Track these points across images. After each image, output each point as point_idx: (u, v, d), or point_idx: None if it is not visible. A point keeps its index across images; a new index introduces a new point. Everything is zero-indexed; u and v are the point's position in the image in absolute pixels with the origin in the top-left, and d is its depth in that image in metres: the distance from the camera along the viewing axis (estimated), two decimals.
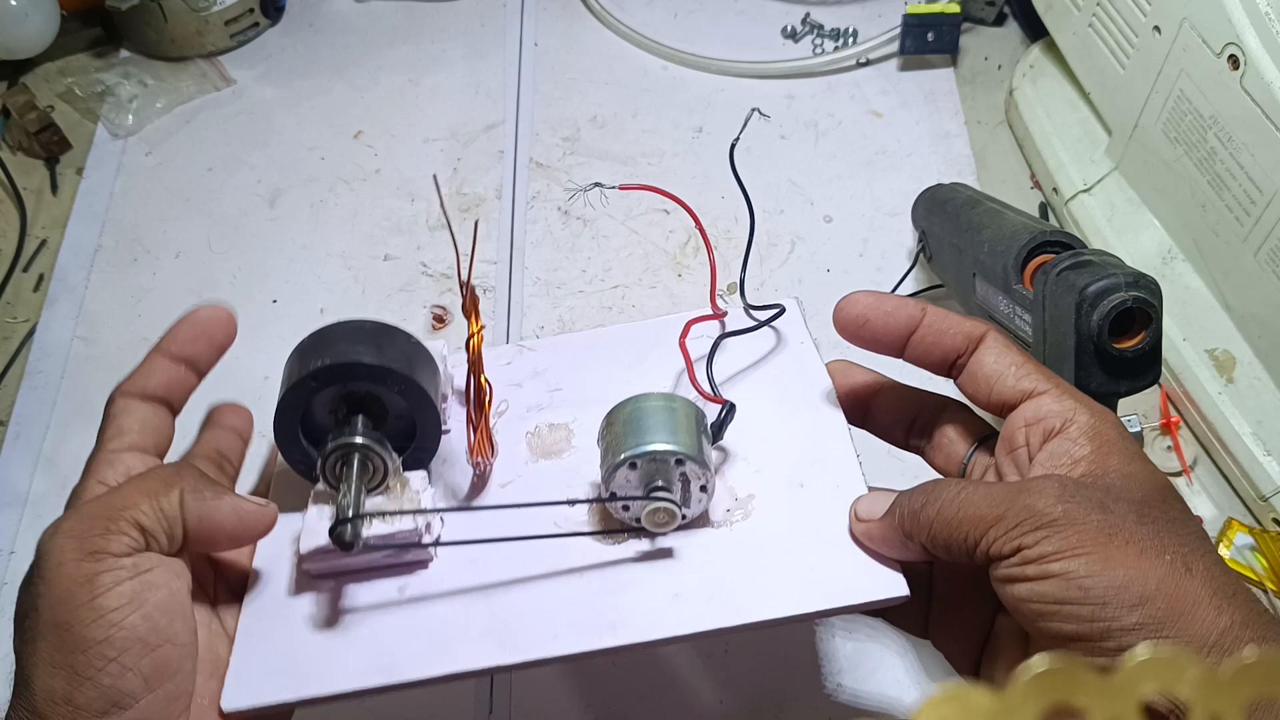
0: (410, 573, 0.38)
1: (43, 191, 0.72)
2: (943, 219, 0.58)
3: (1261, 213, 0.51)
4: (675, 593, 0.37)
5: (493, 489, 0.41)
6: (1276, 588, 0.52)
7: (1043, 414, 0.35)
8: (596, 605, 0.37)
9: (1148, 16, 0.57)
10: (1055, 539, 0.31)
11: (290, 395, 0.36)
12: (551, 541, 0.38)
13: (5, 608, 0.54)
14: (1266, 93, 0.49)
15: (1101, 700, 0.18)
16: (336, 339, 0.37)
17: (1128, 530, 0.31)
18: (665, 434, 0.36)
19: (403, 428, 0.38)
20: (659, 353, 0.45)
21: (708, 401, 0.39)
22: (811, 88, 0.75)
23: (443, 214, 0.42)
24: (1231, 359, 0.56)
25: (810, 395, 0.43)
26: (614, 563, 0.38)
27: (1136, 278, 0.43)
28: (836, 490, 0.39)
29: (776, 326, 0.45)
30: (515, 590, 0.38)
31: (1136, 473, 0.34)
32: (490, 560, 0.38)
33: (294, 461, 0.38)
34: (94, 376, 0.62)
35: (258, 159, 0.73)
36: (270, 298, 0.65)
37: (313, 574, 0.38)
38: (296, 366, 0.37)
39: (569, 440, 0.42)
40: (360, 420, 0.37)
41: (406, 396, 0.37)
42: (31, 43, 0.73)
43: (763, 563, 0.37)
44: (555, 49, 0.78)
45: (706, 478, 0.37)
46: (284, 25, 0.81)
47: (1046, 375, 0.36)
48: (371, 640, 0.37)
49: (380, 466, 0.37)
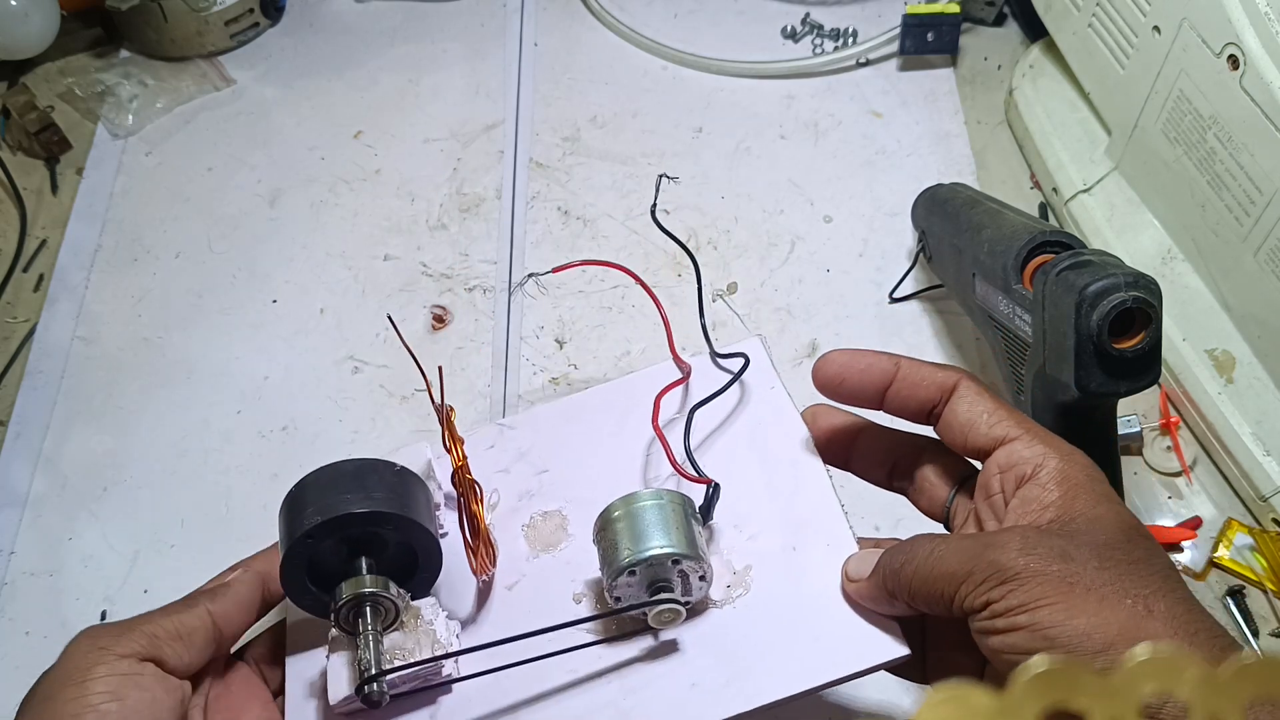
0: (435, 700, 0.39)
1: (43, 191, 0.72)
2: (942, 219, 0.58)
3: (1261, 213, 0.51)
4: (692, 683, 0.38)
5: (499, 592, 0.42)
6: (1276, 588, 0.52)
7: (1014, 460, 0.36)
8: (621, 706, 0.38)
9: (1147, 17, 0.57)
10: (1019, 592, 0.32)
11: (291, 553, 0.37)
12: (559, 647, 0.39)
13: (5, 607, 0.54)
14: (1266, 93, 0.49)
15: (1101, 701, 0.18)
16: (323, 489, 0.38)
17: (1088, 577, 0.32)
18: (660, 536, 0.37)
19: (404, 554, 0.39)
20: (636, 416, 0.45)
21: (691, 482, 0.40)
22: (811, 88, 0.75)
23: (405, 348, 0.44)
24: (1231, 359, 0.56)
25: (788, 446, 0.43)
26: (628, 662, 0.39)
27: (1136, 278, 0.43)
28: (828, 550, 0.40)
29: (744, 379, 0.45)
30: (542, 706, 0.39)
31: (1103, 515, 0.35)
32: (511, 676, 0.39)
33: (306, 606, 0.39)
34: (94, 376, 0.62)
35: (258, 159, 0.73)
36: (270, 298, 0.65)
37: (344, 714, 0.39)
38: (290, 524, 0.38)
39: (564, 529, 0.43)
40: (363, 563, 0.38)
41: (401, 532, 0.38)
42: (32, 43, 0.73)
43: (770, 638, 0.38)
44: (555, 49, 0.78)
45: (704, 568, 0.38)
46: (284, 25, 0.81)
47: (1018, 421, 0.37)
48: None
49: (391, 608, 0.38)
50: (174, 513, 0.57)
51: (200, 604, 0.38)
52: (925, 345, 0.62)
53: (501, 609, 0.41)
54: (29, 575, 0.55)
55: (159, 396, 0.61)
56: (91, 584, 0.55)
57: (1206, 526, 0.55)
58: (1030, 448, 0.36)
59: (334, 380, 0.61)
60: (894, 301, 0.64)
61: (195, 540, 0.56)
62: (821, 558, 0.40)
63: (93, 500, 0.57)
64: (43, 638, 0.53)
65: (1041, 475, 0.36)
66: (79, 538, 0.56)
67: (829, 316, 0.64)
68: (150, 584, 0.54)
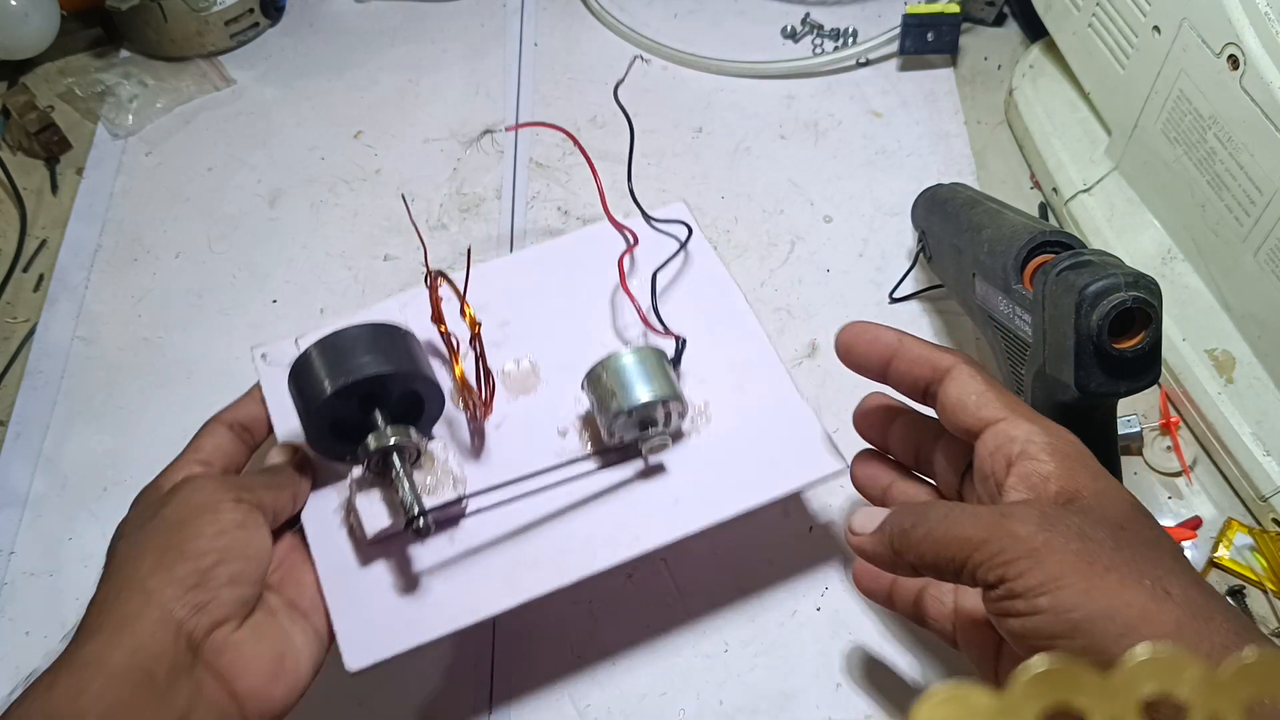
0: (453, 526, 0.46)
1: (43, 191, 0.72)
2: (942, 219, 0.58)
3: (1261, 213, 0.51)
4: (675, 499, 0.46)
5: (489, 431, 0.49)
6: (1276, 588, 0.52)
7: (1002, 440, 0.37)
8: (618, 522, 0.46)
9: (1147, 17, 0.57)
10: (1038, 571, 0.32)
11: (319, 410, 0.43)
12: (562, 477, 0.46)
13: (5, 607, 0.54)
14: (1266, 93, 0.49)
15: (1101, 701, 0.18)
16: (345, 352, 0.43)
17: (1106, 557, 0.32)
18: (647, 385, 0.45)
19: (408, 401, 0.45)
20: (583, 271, 0.54)
21: (659, 336, 0.50)
22: (811, 88, 0.75)
23: (415, 230, 0.51)
24: (1231, 359, 0.56)
25: (723, 302, 0.52)
26: (620, 485, 0.47)
27: (1136, 278, 0.43)
28: (770, 391, 0.49)
29: (676, 234, 0.55)
30: (549, 525, 0.46)
31: (1106, 490, 0.35)
32: (517, 503, 0.46)
33: (325, 455, 0.46)
34: (94, 376, 0.62)
35: (258, 159, 0.73)
36: (270, 298, 0.65)
37: (372, 545, 0.45)
38: (317, 384, 0.43)
39: (536, 374, 0.51)
40: (381, 416, 0.44)
41: (416, 385, 0.44)
42: (32, 43, 0.73)
43: (732, 461, 0.47)
44: (555, 49, 0.78)
45: (683, 406, 0.46)
46: (284, 25, 0.81)
47: (1006, 403, 0.38)
48: (450, 590, 0.44)
49: (414, 451, 0.44)
50: None
51: (286, 478, 0.45)
52: None
53: (496, 445, 0.48)
54: (29, 575, 0.55)
55: (159, 396, 0.61)
56: (92, 584, 0.54)
57: (1206, 526, 0.55)
58: (1016, 427, 0.36)
59: None
60: (894, 301, 0.64)
61: None
62: (765, 396, 0.49)
63: (93, 500, 0.57)
64: (43, 637, 0.53)
65: (1031, 449, 0.36)
66: (79, 538, 0.56)
67: (829, 316, 0.63)
68: None
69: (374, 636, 0.43)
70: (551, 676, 0.51)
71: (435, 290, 0.48)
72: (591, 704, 0.50)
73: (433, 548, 0.45)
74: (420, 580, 0.45)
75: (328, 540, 0.45)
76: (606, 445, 0.47)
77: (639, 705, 0.50)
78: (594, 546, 0.45)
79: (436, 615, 0.43)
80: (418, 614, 0.44)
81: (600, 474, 0.47)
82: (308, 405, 0.43)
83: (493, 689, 0.51)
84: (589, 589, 0.53)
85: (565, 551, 0.45)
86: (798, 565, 0.54)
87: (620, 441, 0.46)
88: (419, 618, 0.43)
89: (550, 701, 0.50)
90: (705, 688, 0.51)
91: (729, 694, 0.50)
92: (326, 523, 0.46)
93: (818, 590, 0.53)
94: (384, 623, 0.43)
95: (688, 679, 0.51)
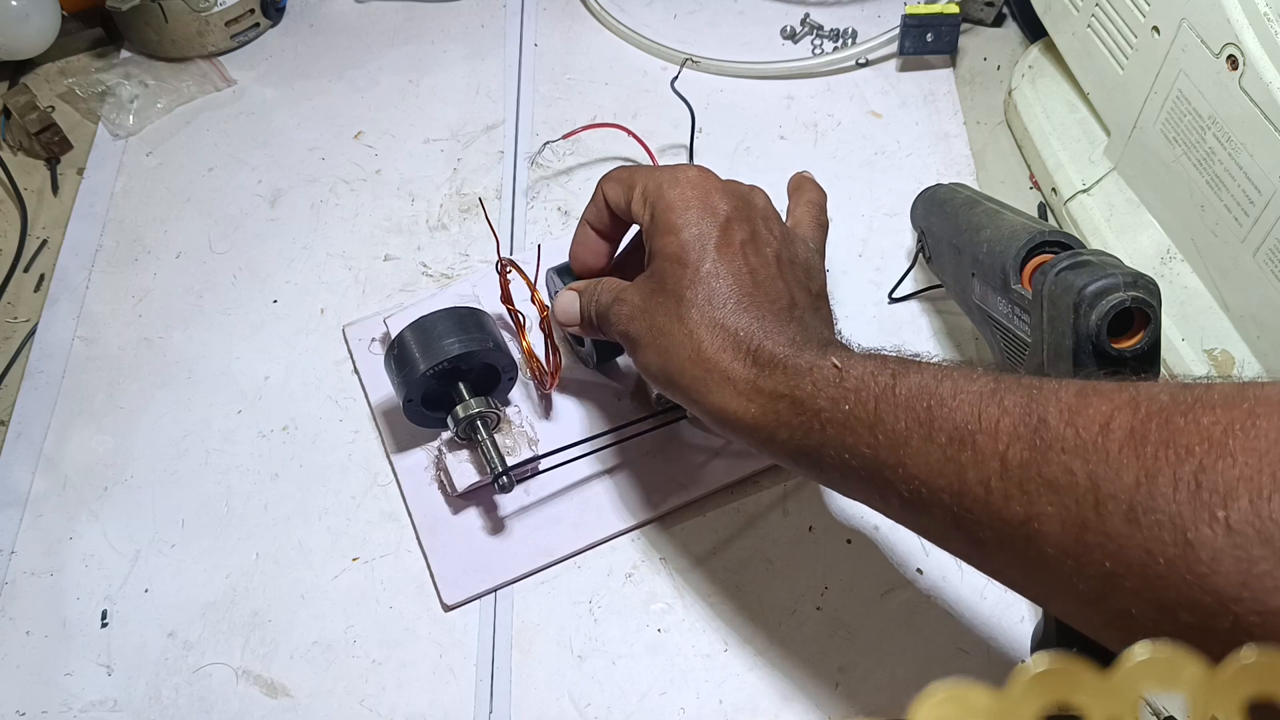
0: (529, 479, 0.54)
1: (43, 192, 0.72)
2: (942, 219, 0.58)
3: (1260, 213, 0.51)
4: (717, 452, 0.55)
5: (554, 396, 0.57)
6: None
7: None
8: (667, 473, 0.55)
9: (1146, 17, 0.57)
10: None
11: (415, 386, 0.51)
12: (622, 436, 0.55)
13: (5, 607, 0.54)
14: (1265, 93, 0.49)
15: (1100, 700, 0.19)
16: (434, 336, 0.51)
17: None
18: None
19: (485, 373, 0.53)
20: None
21: None
22: (811, 88, 0.75)
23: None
24: (1230, 359, 0.56)
25: None
26: (671, 441, 0.55)
27: (1135, 278, 0.43)
28: None
29: None
30: (610, 478, 0.55)
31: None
32: (583, 459, 0.54)
33: (417, 422, 0.53)
34: (94, 376, 0.62)
35: (258, 159, 0.73)
36: (270, 298, 0.66)
37: (460, 498, 0.53)
38: (413, 362, 0.50)
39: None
40: (465, 387, 0.52)
41: (495, 360, 0.53)
42: (32, 43, 0.73)
43: None
44: (555, 49, 0.79)
45: None
46: (284, 26, 0.81)
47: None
48: (527, 534, 0.53)
49: (495, 418, 0.52)
50: (174, 512, 0.57)
51: None
52: (925, 345, 0.63)
53: (562, 408, 0.57)
54: (29, 575, 0.55)
55: (159, 396, 0.61)
56: (92, 584, 0.55)
57: None
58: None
59: (334, 380, 0.62)
60: (893, 301, 0.64)
61: (196, 540, 0.56)
62: None
63: (93, 500, 0.57)
64: (43, 638, 0.53)
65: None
66: (79, 538, 0.56)
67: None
68: (151, 583, 0.55)
69: (466, 576, 0.51)
70: (551, 676, 0.51)
71: (505, 275, 0.55)
72: (591, 704, 0.50)
73: (512, 499, 0.53)
74: (503, 526, 0.53)
75: (421, 495, 0.54)
76: (656, 408, 0.55)
77: (639, 705, 0.50)
78: (650, 496, 0.54)
79: (517, 557, 0.52)
80: (501, 557, 0.52)
81: (654, 433, 0.55)
82: (405, 380, 0.51)
83: (493, 689, 0.51)
84: (589, 589, 0.53)
85: (626, 500, 0.54)
86: (798, 565, 0.54)
87: (668, 404, 0.54)
88: (502, 560, 0.52)
89: (550, 701, 0.51)
90: (705, 687, 0.51)
91: (729, 693, 0.50)
92: (419, 480, 0.55)
93: (817, 590, 0.53)
94: (473, 565, 0.52)
95: (687, 678, 0.51)
